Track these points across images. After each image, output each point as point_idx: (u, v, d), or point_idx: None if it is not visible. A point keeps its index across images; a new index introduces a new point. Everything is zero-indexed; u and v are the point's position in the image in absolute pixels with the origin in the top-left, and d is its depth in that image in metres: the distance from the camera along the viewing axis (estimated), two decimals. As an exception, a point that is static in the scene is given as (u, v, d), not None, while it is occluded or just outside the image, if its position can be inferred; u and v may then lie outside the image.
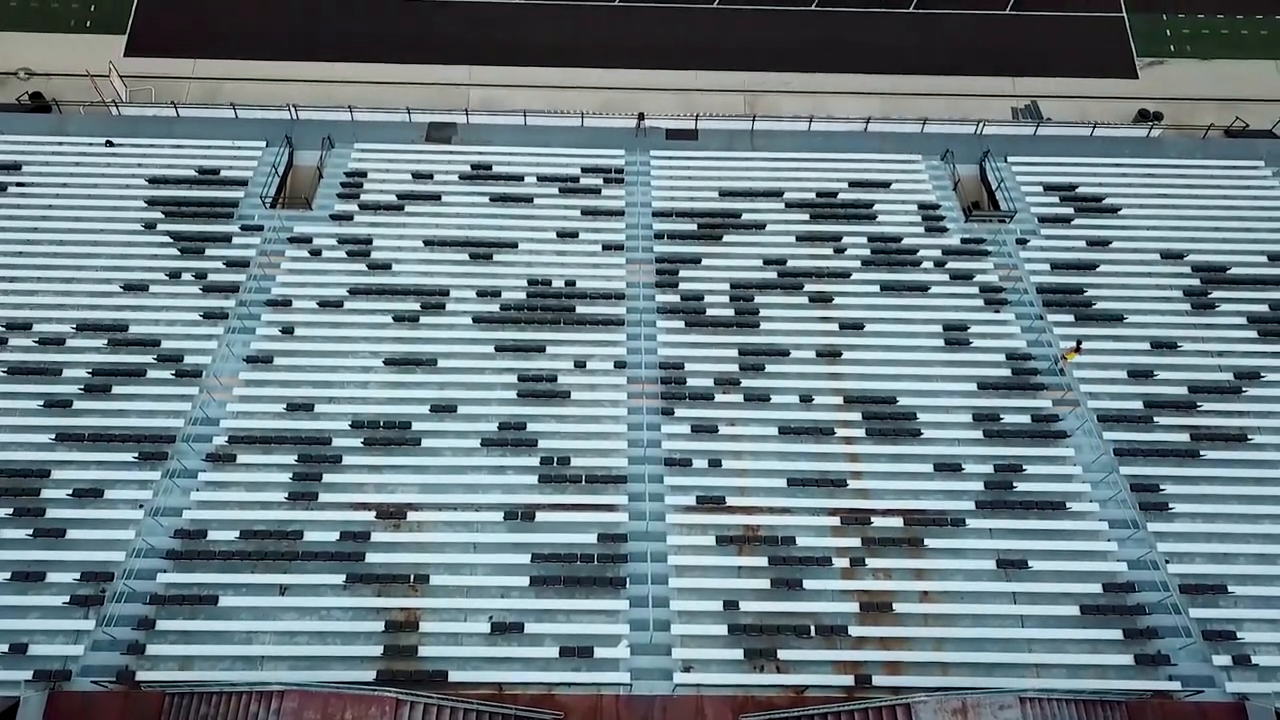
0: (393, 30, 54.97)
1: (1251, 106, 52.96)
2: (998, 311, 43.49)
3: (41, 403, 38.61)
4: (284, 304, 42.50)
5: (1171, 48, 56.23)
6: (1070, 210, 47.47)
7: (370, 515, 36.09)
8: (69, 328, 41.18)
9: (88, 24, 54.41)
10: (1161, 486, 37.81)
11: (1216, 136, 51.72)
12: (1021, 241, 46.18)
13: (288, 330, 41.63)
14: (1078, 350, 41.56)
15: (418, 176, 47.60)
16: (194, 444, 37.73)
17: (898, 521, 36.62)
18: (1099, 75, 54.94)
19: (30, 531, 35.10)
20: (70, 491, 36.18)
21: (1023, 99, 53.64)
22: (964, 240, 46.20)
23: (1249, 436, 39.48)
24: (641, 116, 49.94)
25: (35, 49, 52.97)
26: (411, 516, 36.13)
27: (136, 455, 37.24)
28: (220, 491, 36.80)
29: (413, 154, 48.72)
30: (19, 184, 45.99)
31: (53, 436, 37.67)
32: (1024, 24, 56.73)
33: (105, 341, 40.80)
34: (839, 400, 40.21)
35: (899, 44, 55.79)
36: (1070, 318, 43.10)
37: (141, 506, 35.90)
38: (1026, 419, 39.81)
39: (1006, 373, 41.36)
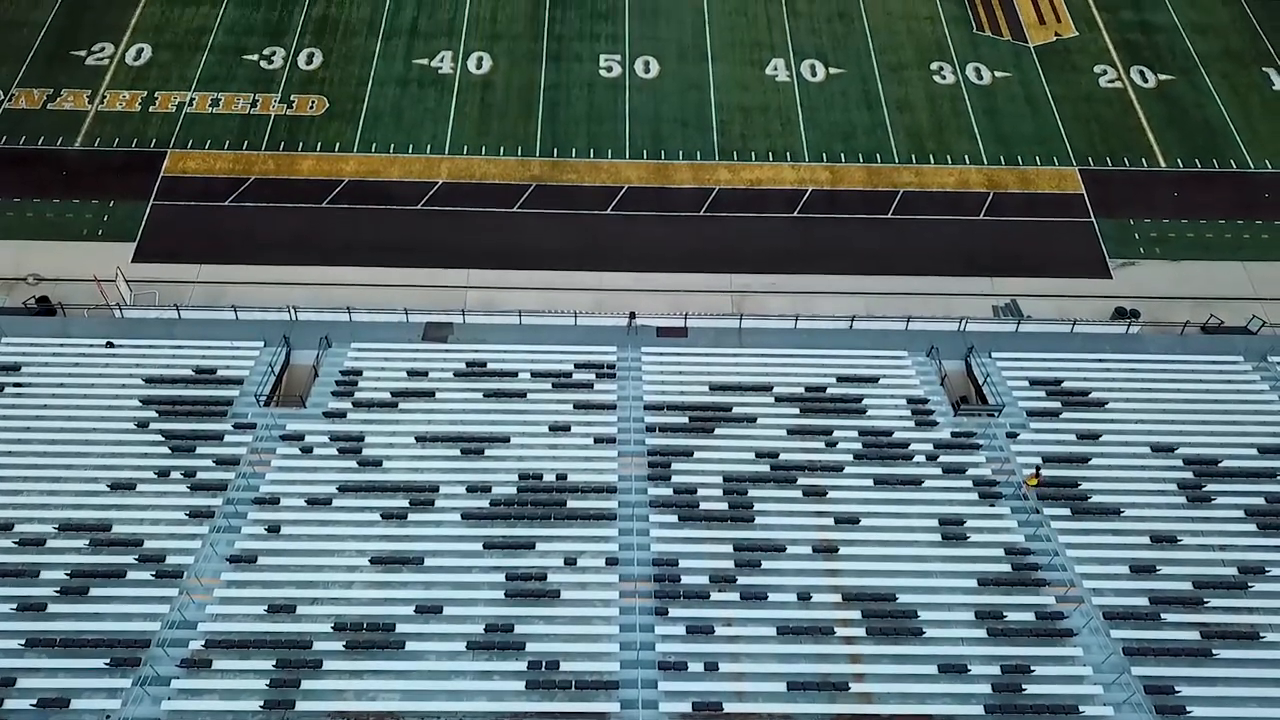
0: (393, 236, 57.19)
1: (1224, 304, 54.64)
2: (993, 505, 43.14)
3: (15, 606, 37.34)
4: (272, 502, 42.01)
5: (1141, 250, 58.62)
6: (1058, 404, 47.97)
7: (349, 725, 34.37)
8: (51, 528, 40.40)
9: (99, 233, 56.49)
10: (1176, 688, 36.30)
11: (1194, 333, 53.08)
12: (1012, 435, 46.42)
13: (274, 529, 40.95)
14: (1037, 477, 41.42)
15: (413, 374, 48.19)
16: (169, 649, 36.26)
17: (904, 728, 34.94)
18: (1074, 275, 56.97)
19: (-13, 747, 33.30)
20: (35, 701, 34.38)
21: (1002, 297, 55.38)
22: (954, 434, 46.41)
23: (1261, 634, 38.32)
24: (633, 315, 51.29)
25: (46, 256, 54.66)
26: (392, 726, 34.40)
27: (108, 661, 35.71)
28: (193, 700, 35.03)
29: (409, 352, 49.46)
30: (16, 384, 46.39)
31: (23, 642, 36.20)
32: (998, 228, 59.35)
33: (87, 541, 39.93)
34: (837, 598, 39.15)
35: (879, 247, 58.09)
36: (1067, 511, 42.68)
37: (109, 717, 34.09)
38: (1030, 616, 38.67)
39: (1006, 568, 40.56)
